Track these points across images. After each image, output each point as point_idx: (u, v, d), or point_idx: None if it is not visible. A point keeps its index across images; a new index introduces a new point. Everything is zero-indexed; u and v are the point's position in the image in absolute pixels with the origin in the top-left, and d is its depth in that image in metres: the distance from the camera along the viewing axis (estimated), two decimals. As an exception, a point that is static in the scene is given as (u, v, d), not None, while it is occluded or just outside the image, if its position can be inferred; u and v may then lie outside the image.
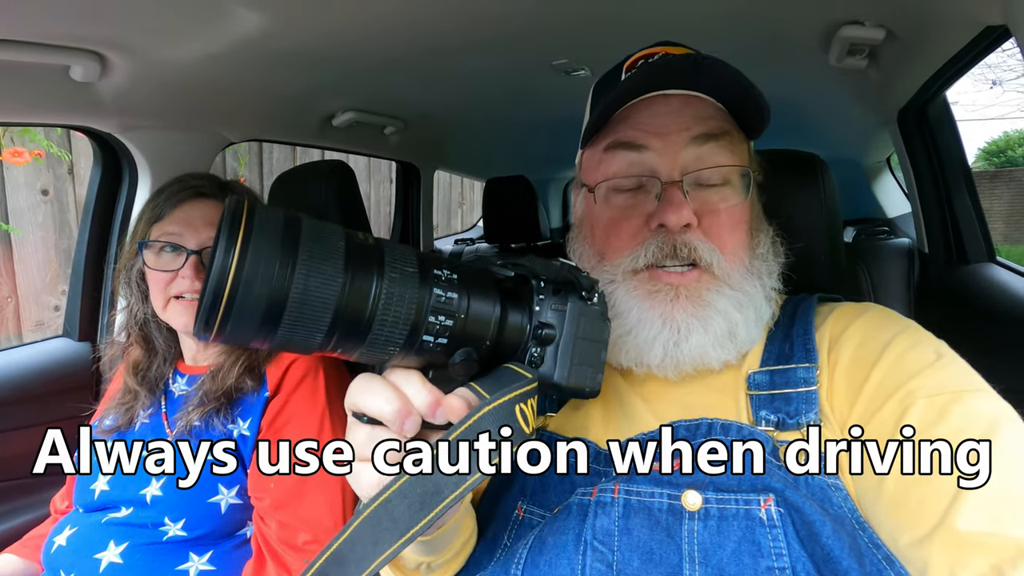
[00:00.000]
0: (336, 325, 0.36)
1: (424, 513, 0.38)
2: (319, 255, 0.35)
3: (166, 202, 0.92)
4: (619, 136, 0.61)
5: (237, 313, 0.33)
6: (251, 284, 0.33)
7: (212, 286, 0.32)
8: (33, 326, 2.25)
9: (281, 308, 0.34)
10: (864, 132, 1.78)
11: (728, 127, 0.60)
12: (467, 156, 2.37)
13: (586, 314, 0.45)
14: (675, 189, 0.57)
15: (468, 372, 0.42)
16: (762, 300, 0.59)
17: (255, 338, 0.35)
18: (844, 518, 0.48)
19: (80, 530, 0.86)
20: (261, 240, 0.33)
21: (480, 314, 0.41)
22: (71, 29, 0.83)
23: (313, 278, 0.34)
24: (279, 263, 0.33)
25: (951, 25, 0.86)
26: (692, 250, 0.56)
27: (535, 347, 0.44)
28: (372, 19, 0.91)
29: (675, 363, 0.57)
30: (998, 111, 11.52)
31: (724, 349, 0.56)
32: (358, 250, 0.37)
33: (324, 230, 0.36)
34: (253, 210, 0.34)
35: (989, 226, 1.32)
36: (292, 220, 0.35)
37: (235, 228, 0.33)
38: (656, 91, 0.61)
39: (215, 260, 0.32)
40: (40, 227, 2.24)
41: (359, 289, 0.36)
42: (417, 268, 0.38)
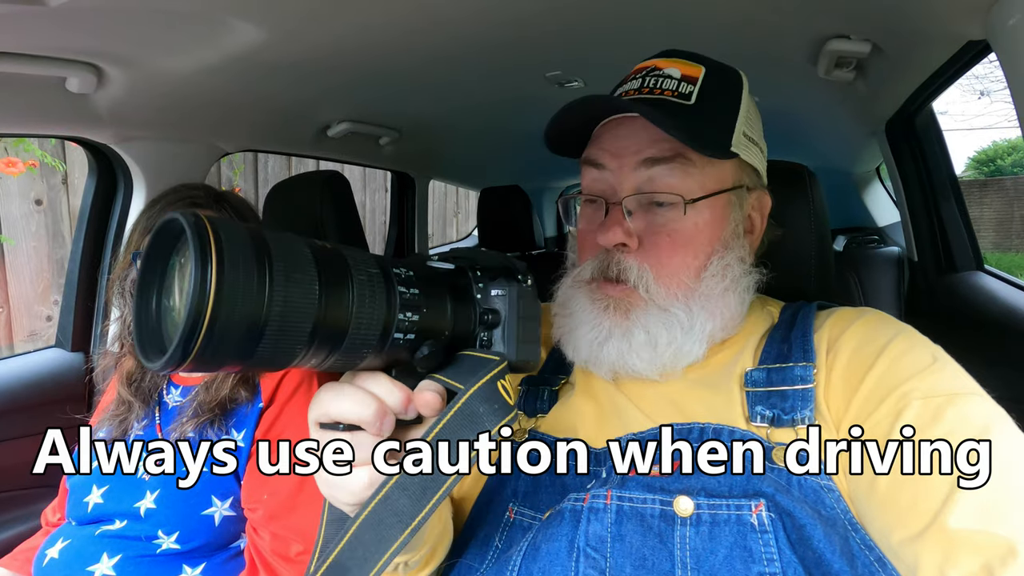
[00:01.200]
0: (316, 335, 0.35)
1: (427, 499, 0.39)
2: (292, 266, 0.34)
3: (161, 212, 0.92)
4: (587, 154, 0.65)
5: (219, 338, 0.31)
6: (234, 305, 0.31)
7: (192, 311, 0.29)
8: (25, 336, 2.24)
9: (263, 327, 0.32)
10: (853, 142, 1.81)
11: (682, 150, 0.60)
12: (462, 166, 2.38)
13: (524, 295, 0.48)
14: (616, 209, 0.61)
15: (432, 364, 0.43)
16: (699, 318, 0.60)
17: (231, 362, 0.33)
18: (836, 520, 0.49)
19: (73, 543, 0.86)
20: (235, 257, 0.31)
21: (438, 306, 0.43)
22: (68, 41, 0.84)
23: (292, 290, 0.33)
24: (257, 279, 0.32)
25: (934, 40, 0.88)
26: (622, 271, 0.60)
27: (483, 332, 0.47)
28: (368, 31, 0.93)
29: (598, 362, 0.61)
30: (986, 121, 11.71)
31: (642, 359, 0.60)
32: (325, 257, 0.37)
33: (288, 240, 0.36)
34: (217, 223, 0.32)
35: (979, 234, 1.35)
36: (256, 232, 0.34)
37: (206, 247, 0.30)
38: (610, 115, 0.64)
39: (190, 282, 0.30)
40: (33, 237, 2.24)
41: (335, 296, 0.36)
42: (379, 268, 0.39)
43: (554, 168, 2.53)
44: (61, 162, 2.25)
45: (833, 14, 0.91)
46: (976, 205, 8.55)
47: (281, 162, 3.13)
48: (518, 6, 0.88)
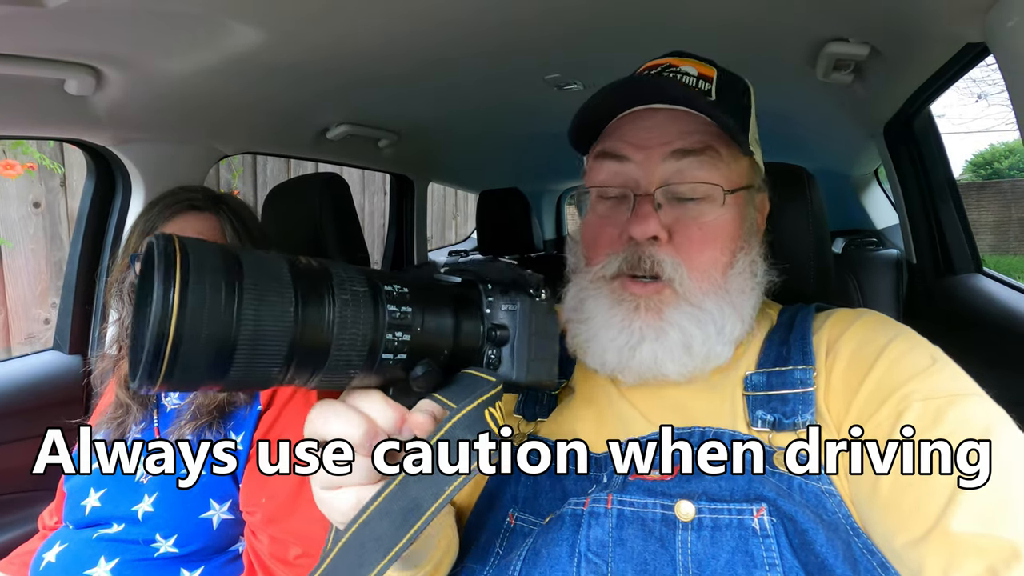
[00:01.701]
0: (293, 356, 0.34)
1: (406, 528, 0.37)
2: (265, 286, 0.33)
3: (159, 215, 0.92)
4: (606, 146, 0.63)
5: (185, 359, 0.30)
6: (197, 326, 0.30)
7: (153, 333, 0.29)
8: (23, 339, 2.23)
9: (232, 347, 0.32)
10: (852, 145, 1.81)
11: (712, 142, 0.60)
12: (461, 168, 2.38)
13: (536, 310, 0.46)
14: (646, 202, 0.59)
15: (430, 384, 0.41)
16: (729, 317, 0.59)
17: (205, 382, 0.32)
18: (838, 524, 0.49)
19: (70, 546, 0.85)
20: (201, 277, 0.31)
21: (436, 324, 0.41)
22: (66, 43, 0.84)
23: (264, 311, 0.32)
24: (224, 299, 0.31)
25: (932, 42, 0.88)
26: (656, 264, 0.58)
27: (491, 349, 0.44)
28: (367, 33, 0.93)
29: (628, 368, 0.58)
30: (984, 124, 11.74)
31: (677, 362, 0.57)
32: (304, 275, 0.35)
33: (265, 258, 0.35)
34: (187, 245, 0.32)
35: (977, 237, 1.35)
36: (229, 252, 0.33)
37: (170, 267, 0.30)
38: (637, 106, 0.62)
39: (153, 304, 0.29)
40: (31, 240, 2.23)
41: (312, 316, 0.35)
42: (367, 287, 0.38)
43: (553, 170, 2.53)
44: (59, 164, 2.25)
45: (831, 17, 0.91)
46: (974, 208, 8.58)
47: (280, 165, 3.13)
48: (517, 9, 0.88)
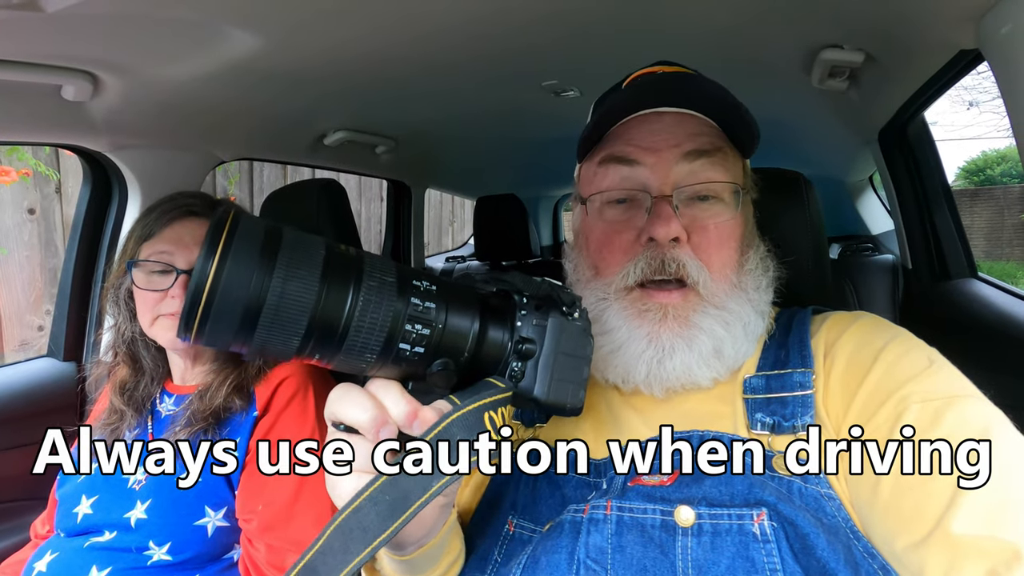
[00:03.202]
0: (312, 330, 0.37)
1: (392, 520, 0.38)
2: (297, 262, 0.36)
3: (156, 221, 0.92)
4: (613, 151, 0.62)
5: (215, 316, 0.34)
6: (229, 289, 0.34)
7: (191, 290, 0.34)
8: (16, 346, 2.22)
9: (257, 312, 0.35)
10: (847, 151, 1.82)
11: (720, 144, 0.61)
12: (458, 175, 2.39)
13: (567, 330, 0.45)
14: (665, 203, 0.58)
15: (447, 383, 0.42)
16: (751, 315, 0.59)
17: (234, 341, 0.36)
18: (838, 528, 0.49)
19: (62, 555, 0.84)
20: (241, 247, 0.35)
21: (458, 325, 0.42)
22: (64, 49, 0.84)
23: (290, 283, 0.35)
24: (257, 269, 0.35)
25: (926, 49, 0.89)
26: (680, 266, 0.57)
27: (516, 361, 0.45)
28: (364, 40, 0.93)
29: (659, 380, 0.57)
30: (976, 131, 11.85)
31: (710, 368, 0.57)
32: (337, 259, 0.38)
33: (305, 240, 0.38)
34: (237, 219, 0.35)
35: (971, 243, 1.35)
36: (273, 230, 0.37)
37: (217, 236, 0.34)
38: (649, 108, 0.62)
39: (196, 265, 0.34)
40: (26, 246, 2.22)
41: (335, 295, 0.37)
42: (395, 278, 0.39)
43: (550, 177, 2.54)
44: (55, 171, 2.24)
45: (826, 24, 0.92)
46: (967, 214, 8.64)
47: (276, 171, 3.13)
48: (514, 16, 0.88)
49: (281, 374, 0.92)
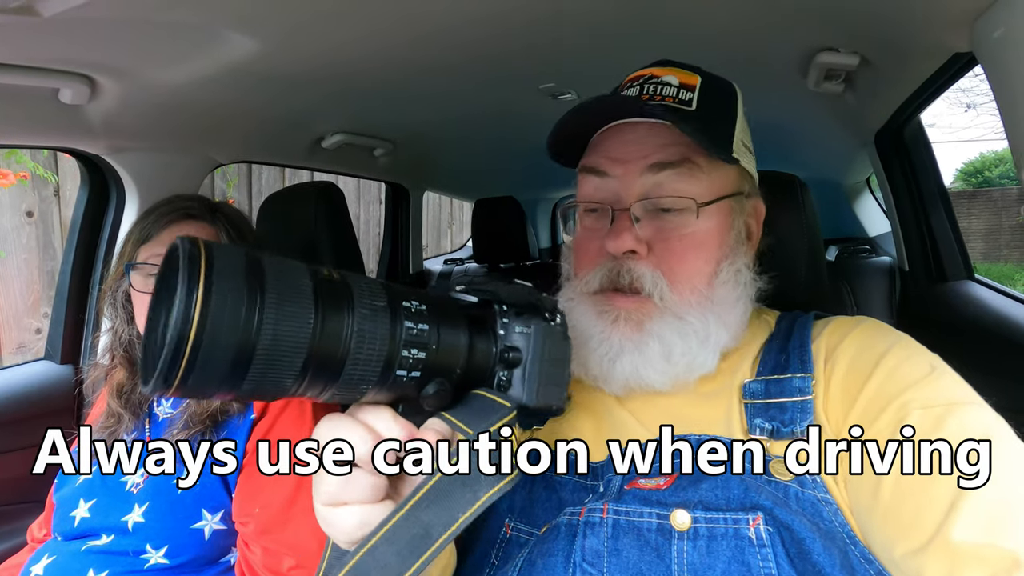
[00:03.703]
0: (308, 368, 0.34)
1: (414, 559, 0.36)
2: (287, 296, 0.33)
3: (154, 223, 0.92)
4: (587, 161, 0.64)
5: (202, 366, 0.30)
6: (218, 333, 0.30)
7: (174, 336, 0.29)
8: (14, 349, 2.21)
9: (250, 356, 0.31)
10: (843, 153, 1.83)
11: (690, 154, 0.60)
12: (456, 177, 2.39)
13: (550, 335, 0.45)
14: (623, 216, 0.59)
15: (441, 403, 0.41)
16: (714, 327, 0.59)
17: (219, 390, 0.32)
18: (835, 533, 0.48)
19: (59, 559, 0.84)
20: (225, 282, 0.30)
21: (451, 343, 0.41)
22: (61, 52, 0.84)
23: (284, 322, 0.32)
24: (246, 307, 0.31)
25: (921, 52, 0.89)
26: (636, 278, 0.59)
27: (502, 371, 0.44)
28: (362, 42, 0.93)
29: (611, 378, 0.59)
30: (974, 133, 11.86)
31: (658, 371, 0.58)
32: (326, 288, 0.35)
33: (288, 268, 0.34)
34: (212, 250, 0.32)
35: (968, 245, 1.36)
36: (254, 259, 0.33)
37: (195, 271, 0.30)
38: (618, 120, 0.63)
39: (175, 308, 0.29)
40: (24, 249, 2.22)
41: (331, 329, 0.34)
42: (386, 302, 0.37)
43: (548, 179, 2.54)
44: (53, 174, 2.24)
45: (822, 27, 0.92)
46: (964, 216, 8.65)
47: (275, 174, 3.13)
48: (512, 18, 0.88)
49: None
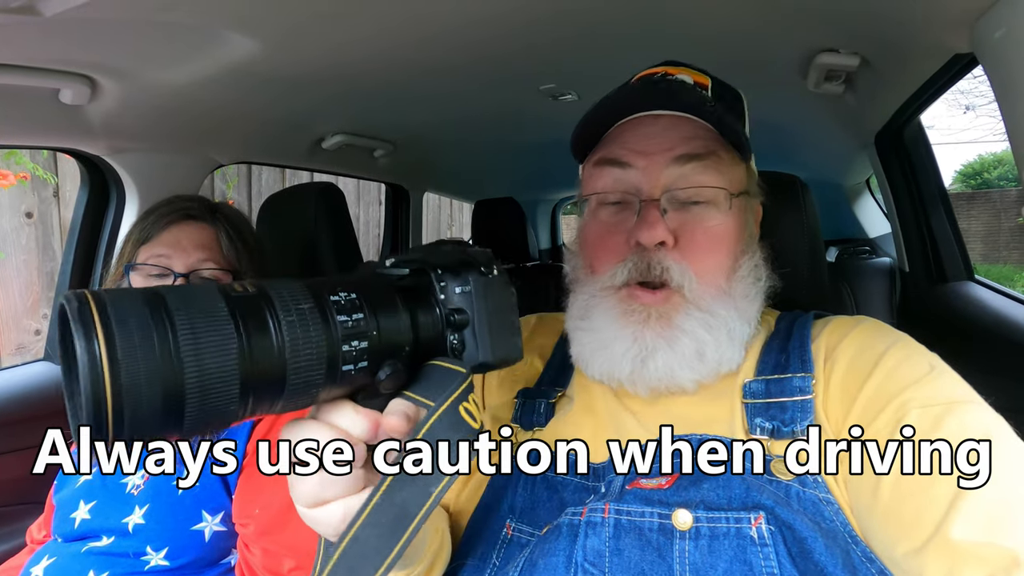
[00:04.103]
0: (248, 391, 0.32)
1: (397, 537, 0.37)
2: (200, 323, 0.31)
3: (154, 224, 0.92)
4: (607, 153, 0.63)
5: (130, 417, 0.28)
6: (134, 379, 0.28)
7: (89, 398, 0.27)
8: (13, 350, 2.21)
9: (180, 395, 0.29)
10: (843, 154, 1.83)
11: (714, 147, 0.60)
12: (456, 178, 2.39)
13: (490, 287, 0.44)
14: (652, 207, 0.59)
15: (396, 384, 0.40)
16: (736, 321, 0.59)
17: (161, 434, 0.30)
18: (836, 532, 0.48)
19: (59, 560, 0.84)
20: (126, 326, 0.28)
21: (392, 324, 0.40)
22: (62, 53, 0.84)
23: (204, 350, 0.30)
24: (158, 346, 0.29)
25: (921, 53, 0.89)
26: (665, 270, 0.57)
27: (452, 335, 0.43)
28: (362, 43, 0.93)
29: (642, 380, 0.58)
30: (972, 135, 11.87)
31: (692, 370, 0.57)
32: (242, 303, 0.33)
33: (195, 292, 0.32)
34: (101, 295, 0.29)
35: (968, 246, 1.36)
36: (151, 293, 0.31)
37: (88, 323, 0.27)
38: (642, 111, 0.62)
39: (80, 364, 0.27)
40: (23, 250, 2.22)
41: (260, 346, 0.33)
42: (312, 302, 0.36)
43: (548, 180, 2.54)
44: (53, 175, 2.24)
45: (822, 28, 0.92)
46: (964, 218, 8.65)
47: (275, 174, 3.13)
48: (512, 19, 0.88)
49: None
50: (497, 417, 0.69)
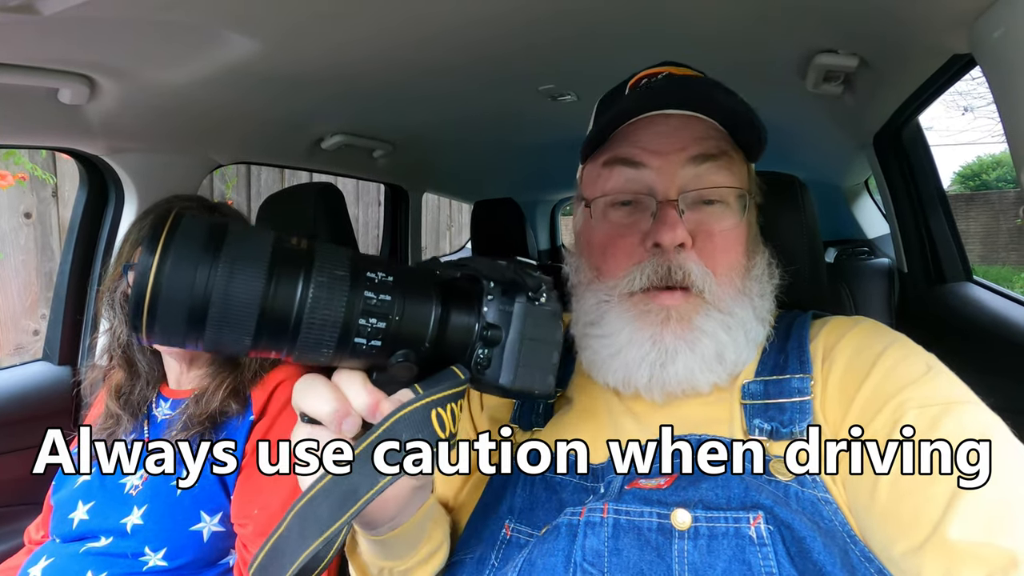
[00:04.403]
0: (262, 328, 0.36)
1: (342, 512, 0.38)
2: (242, 258, 0.35)
3: (153, 224, 0.92)
4: (618, 152, 0.61)
5: (161, 317, 0.34)
6: (171, 289, 0.33)
7: (135, 291, 0.33)
8: (11, 350, 2.21)
9: (204, 312, 0.34)
10: (842, 156, 1.83)
11: (726, 148, 0.60)
12: (455, 179, 2.39)
13: (533, 314, 0.44)
14: (670, 208, 0.57)
15: (408, 374, 0.41)
16: (753, 321, 0.59)
17: (185, 339, 0.35)
18: (835, 532, 0.48)
19: (57, 561, 0.83)
20: (182, 246, 0.34)
21: (416, 316, 0.41)
22: (61, 52, 0.84)
23: (235, 282, 0.35)
24: (199, 268, 0.34)
25: (920, 53, 0.89)
26: (686, 274, 0.56)
27: (481, 348, 0.43)
28: (362, 43, 0.93)
29: (661, 384, 0.57)
30: (971, 136, 11.88)
31: (712, 372, 0.56)
32: (285, 254, 0.37)
33: (252, 234, 0.37)
34: (178, 217, 0.35)
35: (966, 247, 1.36)
36: (218, 225, 0.36)
37: (156, 235, 0.34)
38: (655, 111, 0.61)
39: (137, 265, 0.34)
40: (22, 250, 2.21)
41: (283, 292, 0.36)
42: (348, 271, 0.38)
43: (547, 181, 2.54)
44: (51, 175, 2.23)
45: (821, 28, 0.92)
46: (962, 219, 8.66)
47: (274, 175, 3.13)
48: (511, 20, 0.88)
49: (278, 377, 0.92)
50: (496, 417, 0.69)
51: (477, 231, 2.23)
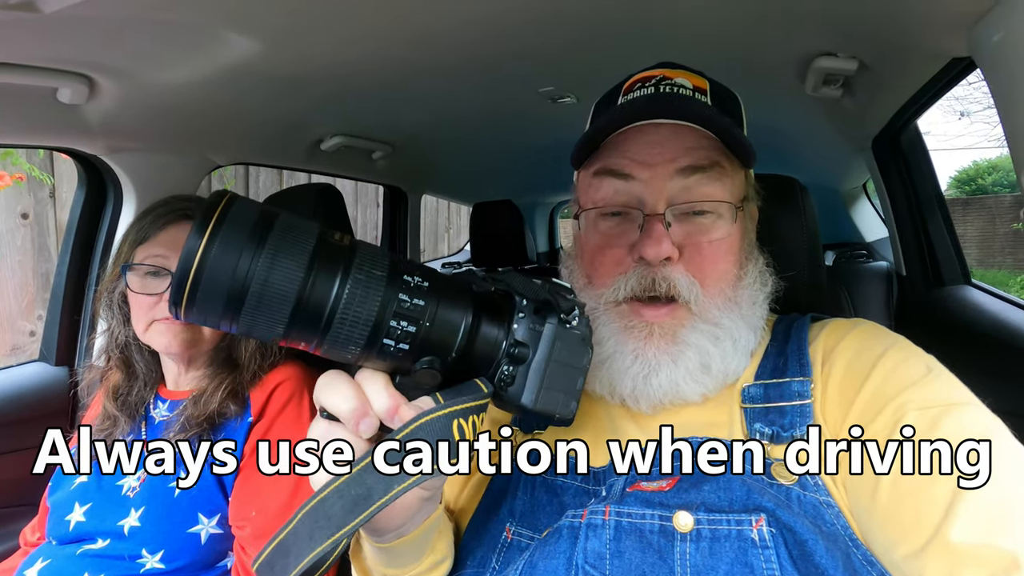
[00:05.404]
0: (295, 319, 0.36)
1: (355, 515, 0.38)
2: (284, 250, 0.36)
3: (151, 224, 0.91)
4: (608, 163, 0.61)
5: (201, 296, 0.35)
6: (214, 271, 0.34)
7: (179, 267, 0.34)
8: (8, 351, 2.20)
9: (242, 297, 0.35)
10: (841, 158, 1.83)
11: (718, 157, 0.59)
12: (454, 181, 2.39)
13: (562, 337, 0.44)
14: (656, 221, 0.57)
15: (431, 381, 0.41)
16: (743, 330, 0.59)
17: (220, 321, 0.36)
18: (837, 535, 0.48)
19: (53, 563, 0.83)
20: (230, 230, 0.35)
21: (447, 323, 0.41)
22: (60, 52, 0.84)
23: (275, 271, 0.35)
24: (243, 254, 0.35)
25: (919, 57, 0.90)
26: (671, 285, 0.56)
27: (507, 365, 0.43)
28: (361, 45, 0.93)
29: (645, 396, 0.57)
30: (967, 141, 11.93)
31: (699, 383, 0.57)
32: (327, 249, 0.38)
33: (297, 226, 0.37)
34: (231, 201, 0.36)
35: (963, 251, 1.36)
36: (267, 214, 0.37)
37: (208, 216, 0.35)
38: (644, 120, 0.61)
39: (186, 244, 0.34)
40: (19, 251, 2.20)
41: (320, 286, 0.37)
42: (386, 272, 0.39)
43: (546, 183, 2.54)
44: (49, 175, 2.23)
45: (820, 32, 0.93)
46: (959, 223, 8.68)
47: (272, 176, 3.13)
48: (511, 22, 0.88)
49: (276, 379, 0.91)
50: (496, 418, 0.69)
51: (476, 233, 2.23)
